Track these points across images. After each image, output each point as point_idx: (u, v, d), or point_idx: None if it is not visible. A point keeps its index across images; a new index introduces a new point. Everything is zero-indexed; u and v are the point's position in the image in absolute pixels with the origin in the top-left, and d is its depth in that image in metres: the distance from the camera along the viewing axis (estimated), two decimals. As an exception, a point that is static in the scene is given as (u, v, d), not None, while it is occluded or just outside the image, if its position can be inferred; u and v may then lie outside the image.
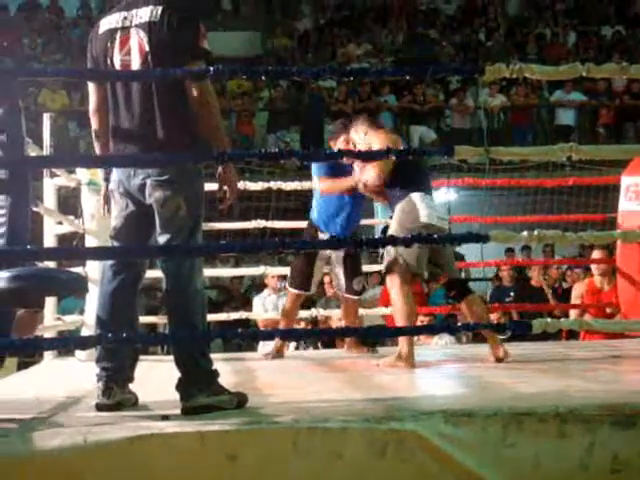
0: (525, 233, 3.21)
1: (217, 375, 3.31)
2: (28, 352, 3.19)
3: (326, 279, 8.05)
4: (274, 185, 6.45)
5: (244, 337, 3.16)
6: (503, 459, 2.94)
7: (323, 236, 5.63)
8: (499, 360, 4.83)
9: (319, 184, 5.67)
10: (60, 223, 5.71)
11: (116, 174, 3.50)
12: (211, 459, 2.86)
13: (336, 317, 7.67)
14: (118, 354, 3.38)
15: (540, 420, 2.98)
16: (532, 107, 15.26)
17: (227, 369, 4.25)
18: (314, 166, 5.66)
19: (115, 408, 3.31)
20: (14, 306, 2.90)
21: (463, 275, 12.05)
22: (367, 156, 4.29)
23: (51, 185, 5.82)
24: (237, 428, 2.91)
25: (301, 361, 5.47)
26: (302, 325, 7.25)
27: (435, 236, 3.76)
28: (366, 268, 8.35)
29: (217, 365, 3.37)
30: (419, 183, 5.05)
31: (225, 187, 3.44)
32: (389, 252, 4.93)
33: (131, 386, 3.49)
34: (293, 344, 7.21)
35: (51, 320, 5.63)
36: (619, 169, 7.04)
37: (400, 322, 4.77)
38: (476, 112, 14.86)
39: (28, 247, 2.96)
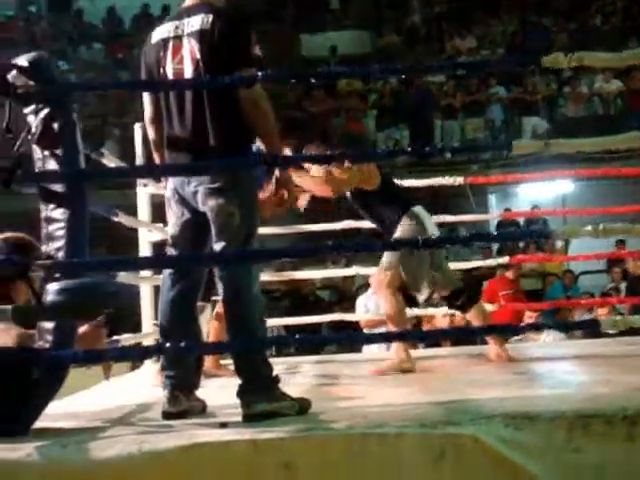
0: (590, 227, 3.06)
1: (278, 381, 3.28)
2: (90, 364, 3.21)
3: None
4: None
5: (301, 342, 3.12)
6: (568, 464, 2.82)
7: None
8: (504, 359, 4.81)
9: None
10: (150, 231, 5.78)
11: (171, 182, 3.51)
12: (265, 467, 2.82)
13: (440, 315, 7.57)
14: (182, 362, 3.39)
15: (607, 422, 2.85)
16: (651, 91, 14.73)
17: (305, 373, 4.22)
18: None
19: (181, 416, 3.31)
20: (64, 318, 2.93)
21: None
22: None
23: (144, 194, 5.90)
24: (291, 435, 2.87)
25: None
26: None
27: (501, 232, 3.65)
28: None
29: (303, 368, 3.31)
30: (409, 197, 5.14)
31: (283, 191, 3.44)
32: (385, 262, 4.92)
33: (200, 393, 3.49)
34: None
35: (149, 327, 5.71)
36: None
37: (391, 327, 4.80)
38: (591, 99, 14.47)
39: (82, 260, 3.00)
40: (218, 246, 3.33)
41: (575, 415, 2.88)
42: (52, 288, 2.82)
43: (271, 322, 6.83)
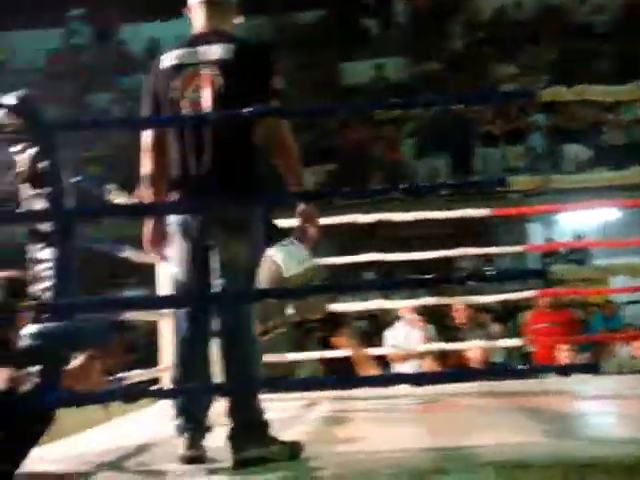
0: (572, 267, 2.94)
1: (269, 425, 3.16)
2: (74, 406, 3.12)
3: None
4: (385, 217, 6.09)
5: (305, 385, 3.03)
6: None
7: None
8: None
9: None
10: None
11: (173, 216, 3.35)
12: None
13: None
14: (201, 404, 3.29)
15: (605, 470, 2.71)
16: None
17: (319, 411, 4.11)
18: None
19: (199, 460, 3.17)
20: (35, 364, 2.86)
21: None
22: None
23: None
24: (275, 484, 2.79)
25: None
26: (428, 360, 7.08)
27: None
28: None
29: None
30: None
31: (307, 224, 3.38)
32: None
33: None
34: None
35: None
36: None
37: None
38: (631, 127, 14.24)
39: (66, 301, 2.95)
40: (221, 283, 3.21)
41: (571, 462, 2.75)
42: (25, 332, 2.78)
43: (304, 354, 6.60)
